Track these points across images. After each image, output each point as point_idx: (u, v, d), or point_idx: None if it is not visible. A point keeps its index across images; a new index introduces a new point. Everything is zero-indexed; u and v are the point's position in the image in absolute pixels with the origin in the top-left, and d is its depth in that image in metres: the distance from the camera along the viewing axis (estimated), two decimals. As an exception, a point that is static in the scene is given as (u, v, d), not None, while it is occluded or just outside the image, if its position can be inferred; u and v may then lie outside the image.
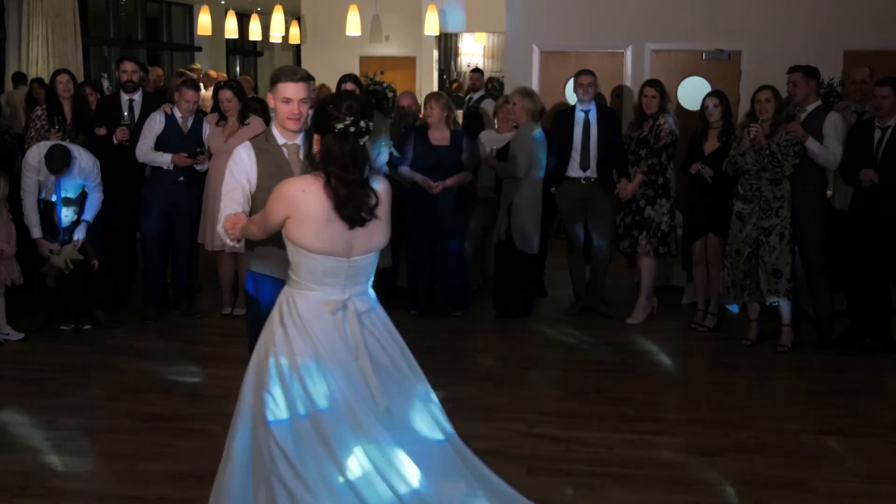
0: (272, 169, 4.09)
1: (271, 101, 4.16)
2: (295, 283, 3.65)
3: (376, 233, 3.65)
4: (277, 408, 3.53)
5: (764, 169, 6.85)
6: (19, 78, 12.12)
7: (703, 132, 7.47)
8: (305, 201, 3.53)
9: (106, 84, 8.30)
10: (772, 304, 7.03)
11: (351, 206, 3.53)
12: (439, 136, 7.73)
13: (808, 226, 7.00)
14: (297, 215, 3.55)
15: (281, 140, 4.17)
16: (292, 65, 3.94)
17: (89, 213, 7.31)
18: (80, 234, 7.20)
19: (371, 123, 3.58)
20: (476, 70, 13.93)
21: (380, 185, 3.66)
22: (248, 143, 4.21)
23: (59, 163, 6.97)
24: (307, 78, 4.11)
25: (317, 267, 3.59)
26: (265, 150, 4.15)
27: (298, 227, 3.55)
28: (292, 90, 4.05)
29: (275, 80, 4.09)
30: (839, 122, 7.02)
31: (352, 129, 3.50)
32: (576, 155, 7.85)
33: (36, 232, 7.17)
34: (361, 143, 3.53)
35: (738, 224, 7.02)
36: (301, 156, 4.08)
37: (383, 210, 3.66)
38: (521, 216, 7.68)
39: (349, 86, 7.66)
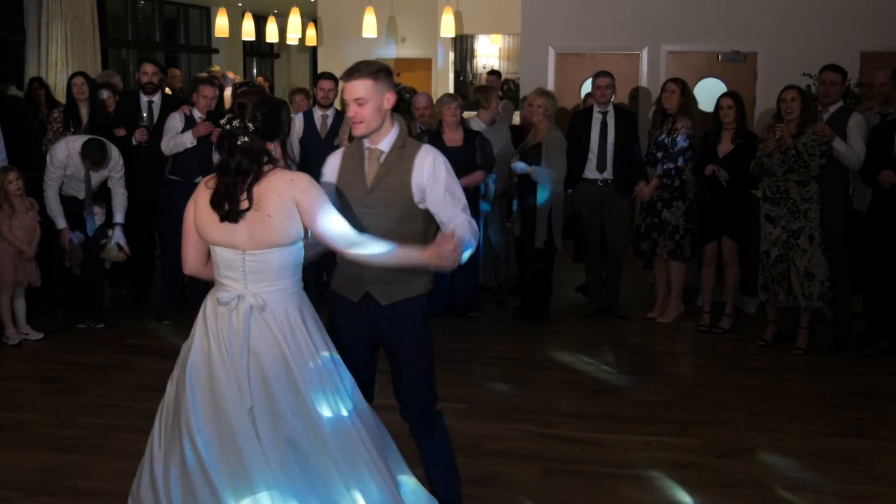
0: (348, 177, 3.89)
1: None
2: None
3: (271, 229, 3.51)
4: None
5: (791, 170, 6.78)
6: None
7: (717, 133, 7.44)
8: (204, 192, 3.58)
9: (106, 94, 8.30)
10: (808, 308, 6.97)
11: (217, 200, 3.52)
12: (453, 137, 7.72)
13: (831, 227, 6.94)
14: (196, 205, 3.62)
15: (366, 144, 3.89)
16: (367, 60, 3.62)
17: (120, 215, 7.33)
18: (119, 238, 7.25)
19: (252, 124, 3.49)
20: (493, 72, 13.91)
21: (283, 182, 3.50)
22: (341, 149, 4.05)
23: (98, 155, 7.03)
24: (364, 73, 3.75)
25: (217, 259, 3.65)
26: (352, 155, 3.94)
27: (197, 217, 3.62)
28: (347, 90, 3.77)
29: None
30: (862, 122, 6.97)
31: (226, 126, 3.53)
32: (592, 157, 7.84)
33: (60, 223, 7.19)
34: (239, 142, 3.49)
35: (769, 226, 6.96)
36: (381, 160, 3.85)
37: (277, 207, 3.48)
38: (556, 219, 7.68)
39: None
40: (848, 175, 7.12)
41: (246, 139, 3.49)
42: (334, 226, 3.55)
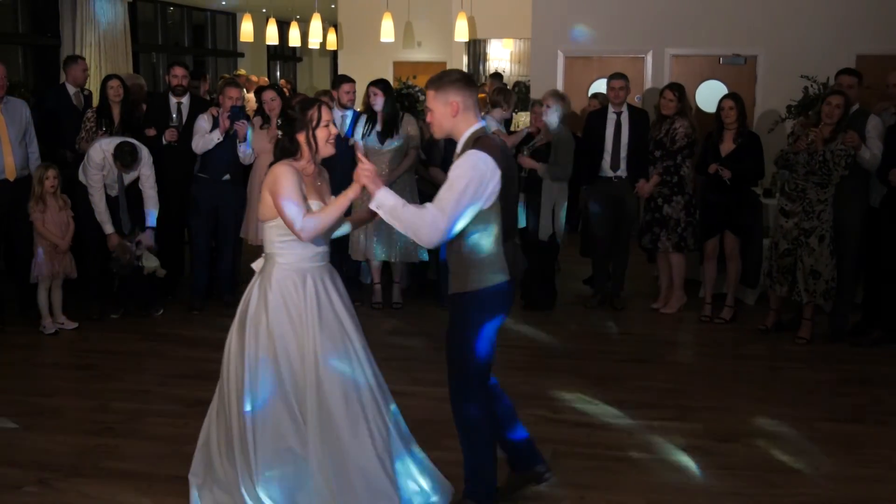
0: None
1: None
2: None
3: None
4: None
5: (812, 173, 6.71)
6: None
7: (719, 133, 7.41)
8: None
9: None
10: (810, 304, 6.94)
11: None
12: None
13: (846, 224, 6.89)
14: None
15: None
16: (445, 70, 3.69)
17: (152, 218, 7.33)
18: (150, 241, 7.27)
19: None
20: (495, 75, 13.88)
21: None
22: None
23: (129, 158, 7.06)
24: (428, 85, 3.94)
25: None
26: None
27: None
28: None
29: None
30: (880, 124, 6.92)
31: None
32: (607, 156, 7.84)
33: (108, 228, 7.20)
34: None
35: (783, 219, 6.91)
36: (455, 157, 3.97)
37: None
38: (561, 215, 7.68)
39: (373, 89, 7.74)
40: (867, 182, 7.02)
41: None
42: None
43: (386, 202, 3.75)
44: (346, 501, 3.85)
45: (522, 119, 12.61)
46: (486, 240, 3.85)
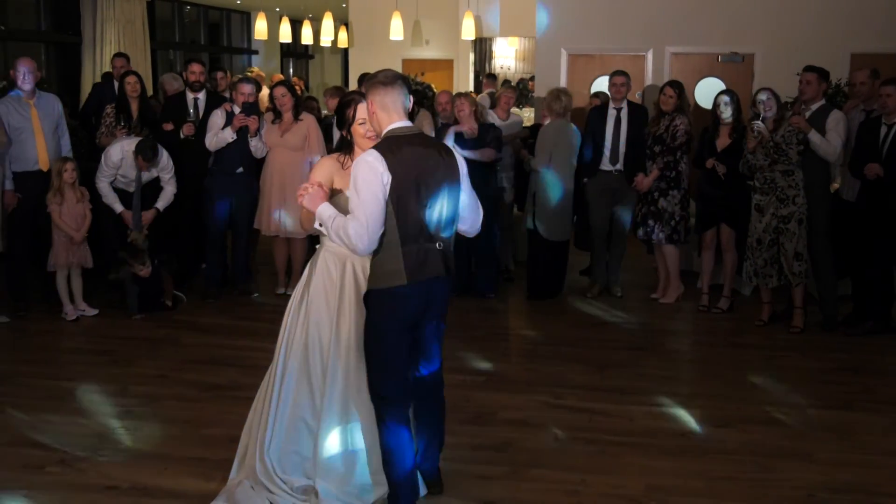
0: None
1: None
2: None
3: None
4: None
5: (775, 162, 6.80)
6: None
7: (715, 128, 7.41)
8: None
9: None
10: (798, 286, 6.96)
11: None
12: (470, 129, 7.73)
13: (814, 212, 6.93)
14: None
15: None
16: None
17: (161, 203, 7.46)
18: (149, 217, 7.38)
19: None
20: (490, 76, 13.85)
21: None
22: None
23: (150, 153, 7.18)
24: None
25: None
26: None
27: None
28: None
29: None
30: (841, 119, 6.95)
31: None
32: (606, 150, 7.83)
33: (118, 207, 7.33)
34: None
35: (758, 215, 6.94)
36: None
37: None
38: (545, 206, 7.68)
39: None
40: (828, 167, 7.11)
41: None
42: None
43: (322, 217, 3.80)
44: (347, 476, 3.97)
45: (526, 115, 12.60)
46: (381, 241, 3.73)
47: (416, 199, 3.70)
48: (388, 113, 3.78)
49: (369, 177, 3.62)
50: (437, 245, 3.80)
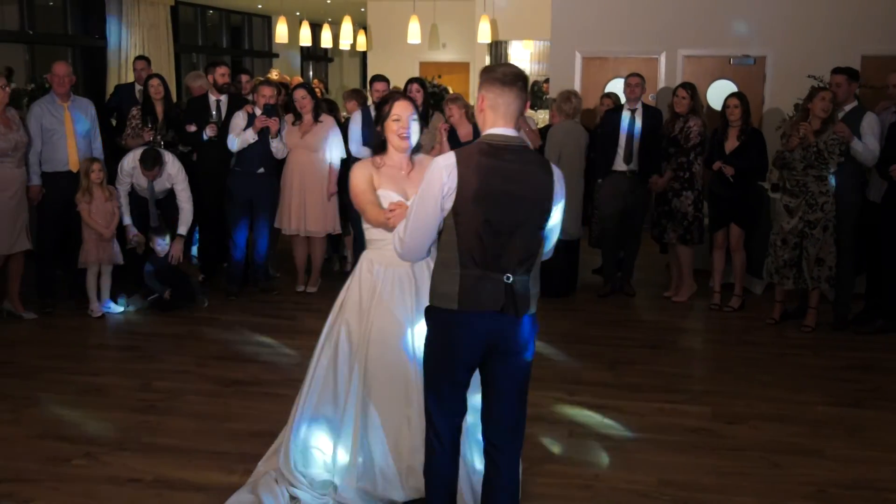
0: None
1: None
2: None
3: None
4: None
5: (810, 166, 6.67)
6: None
7: (724, 130, 7.38)
8: None
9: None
10: (815, 290, 6.89)
11: None
12: (465, 132, 7.74)
13: (843, 219, 6.83)
14: None
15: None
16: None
17: (183, 227, 7.41)
18: (170, 249, 7.35)
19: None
20: None
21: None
22: None
23: (150, 162, 7.14)
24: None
25: None
26: None
27: None
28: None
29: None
30: (874, 121, 6.85)
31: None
32: (620, 150, 7.80)
33: (126, 219, 7.33)
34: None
35: (787, 216, 6.84)
36: None
37: None
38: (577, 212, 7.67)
39: (414, 87, 7.82)
40: (862, 170, 6.98)
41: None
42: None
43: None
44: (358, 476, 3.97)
45: (541, 117, 12.59)
46: (438, 255, 3.32)
47: (487, 219, 3.14)
48: (495, 115, 3.23)
49: (430, 178, 3.17)
50: (504, 277, 3.20)
